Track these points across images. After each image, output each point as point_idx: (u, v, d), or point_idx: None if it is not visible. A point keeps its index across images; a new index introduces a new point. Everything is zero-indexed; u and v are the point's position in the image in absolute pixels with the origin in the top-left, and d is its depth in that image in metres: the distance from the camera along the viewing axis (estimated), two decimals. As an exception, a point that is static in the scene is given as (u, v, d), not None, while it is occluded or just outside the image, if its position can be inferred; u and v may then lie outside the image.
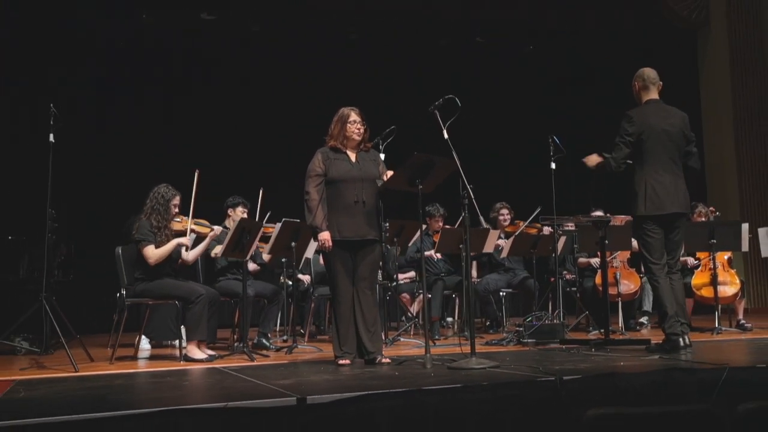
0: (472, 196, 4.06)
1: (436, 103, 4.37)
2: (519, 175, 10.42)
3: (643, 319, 7.37)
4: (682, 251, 5.53)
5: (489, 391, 3.07)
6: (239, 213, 6.29)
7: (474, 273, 7.64)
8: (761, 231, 6.41)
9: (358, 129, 4.59)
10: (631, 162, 4.87)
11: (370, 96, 9.75)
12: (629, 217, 5.71)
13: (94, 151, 8.69)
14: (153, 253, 5.18)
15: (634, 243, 6.51)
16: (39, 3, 8.47)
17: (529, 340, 5.58)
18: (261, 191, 6.66)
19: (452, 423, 2.94)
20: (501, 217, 7.53)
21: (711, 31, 10.88)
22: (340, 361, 4.44)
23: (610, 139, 5.00)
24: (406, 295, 7.29)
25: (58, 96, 8.12)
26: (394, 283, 6.70)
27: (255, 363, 4.80)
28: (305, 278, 7.14)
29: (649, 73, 4.98)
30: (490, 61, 10.88)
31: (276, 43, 9.96)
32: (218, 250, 5.78)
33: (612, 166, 4.90)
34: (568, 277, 7.65)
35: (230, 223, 6.18)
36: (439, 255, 7.18)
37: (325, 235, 4.48)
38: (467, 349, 4.25)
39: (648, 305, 7.27)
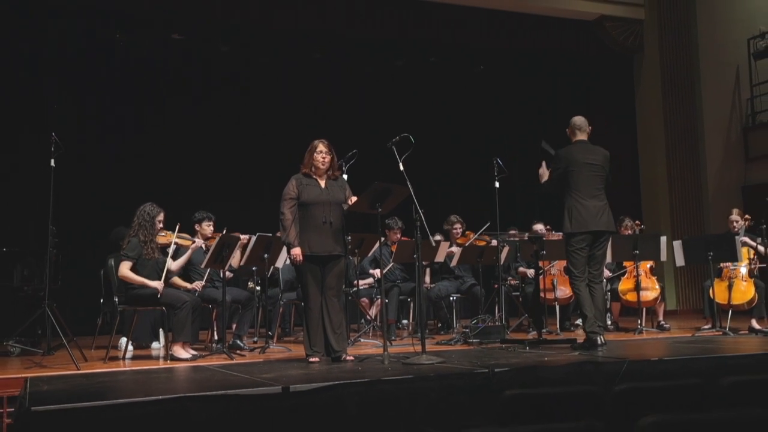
0: (423, 219, 4.84)
1: (393, 139, 5.12)
2: (472, 189, 11.24)
3: (579, 321, 8.23)
4: (606, 262, 6.42)
5: (435, 381, 3.84)
6: (205, 227, 6.90)
7: (427, 279, 8.44)
8: (676, 243, 7.30)
9: (323, 158, 5.31)
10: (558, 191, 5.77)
11: (334, 112, 10.54)
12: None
13: (74, 166, 9.21)
14: (125, 272, 5.80)
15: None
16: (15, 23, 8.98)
17: (474, 340, 6.37)
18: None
19: (406, 406, 3.69)
20: (454, 230, 8.31)
21: (645, 55, 11.82)
22: (311, 359, 5.15)
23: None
24: (365, 300, 8.02)
25: (42, 113, 8.80)
26: (354, 289, 7.45)
27: (234, 361, 5.49)
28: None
29: (579, 121, 5.94)
30: (444, 80, 11.70)
31: (244, 62, 10.61)
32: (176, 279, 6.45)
33: (542, 190, 5.83)
34: (512, 282, 8.51)
35: (198, 237, 6.82)
36: (377, 275, 7.86)
37: (296, 251, 5.20)
38: (419, 347, 5.01)
39: (583, 308, 8.13)
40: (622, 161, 12.09)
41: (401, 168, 4.98)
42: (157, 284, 5.84)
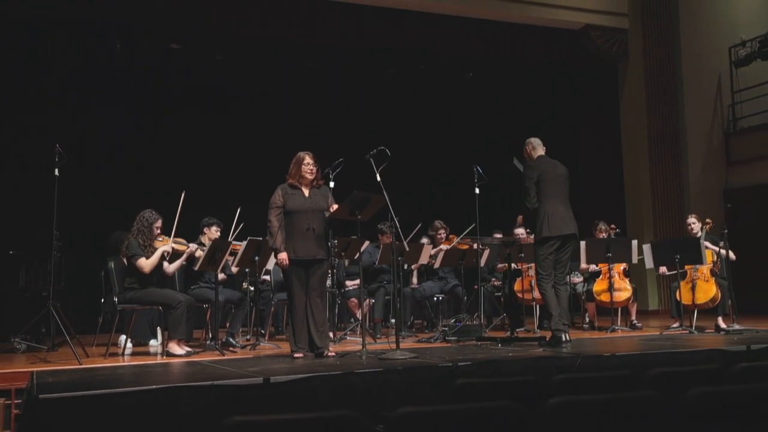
0: (398, 226, 5.26)
1: (372, 152, 5.54)
2: (462, 194, 11.61)
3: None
4: (573, 265, 6.87)
5: (402, 374, 4.24)
6: (213, 232, 7.33)
7: (415, 280, 8.87)
8: (645, 246, 7.71)
9: (311, 170, 5.74)
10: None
11: (327, 119, 10.93)
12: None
13: (76, 171, 9.59)
14: (146, 263, 6.22)
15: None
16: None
17: (452, 338, 6.78)
18: (238, 210, 7.31)
19: (375, 395, 4.10)
20: (438, 235, 8.71)
21: (629, 63, 12.21)
22: (296, 355, 5.57)
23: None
24: (354, 300, 8.42)
25: (45, 120, 9.21)
26: (343, 290, 7.86)
27: (225, 357, 5.90)
28: None
29: (536, 140, 6.42)
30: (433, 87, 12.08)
31: (239, 71, 11.01)
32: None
33: (529, 207, 6.23)
34: (496, 283, 8.91)
35: (205, 240, 7.24)
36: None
37: (282, 256, 5.62)
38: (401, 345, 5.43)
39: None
40: (607, 166, 12.53)
41: (378, 179, 5.40)
42: (167, 247, 6.36)
